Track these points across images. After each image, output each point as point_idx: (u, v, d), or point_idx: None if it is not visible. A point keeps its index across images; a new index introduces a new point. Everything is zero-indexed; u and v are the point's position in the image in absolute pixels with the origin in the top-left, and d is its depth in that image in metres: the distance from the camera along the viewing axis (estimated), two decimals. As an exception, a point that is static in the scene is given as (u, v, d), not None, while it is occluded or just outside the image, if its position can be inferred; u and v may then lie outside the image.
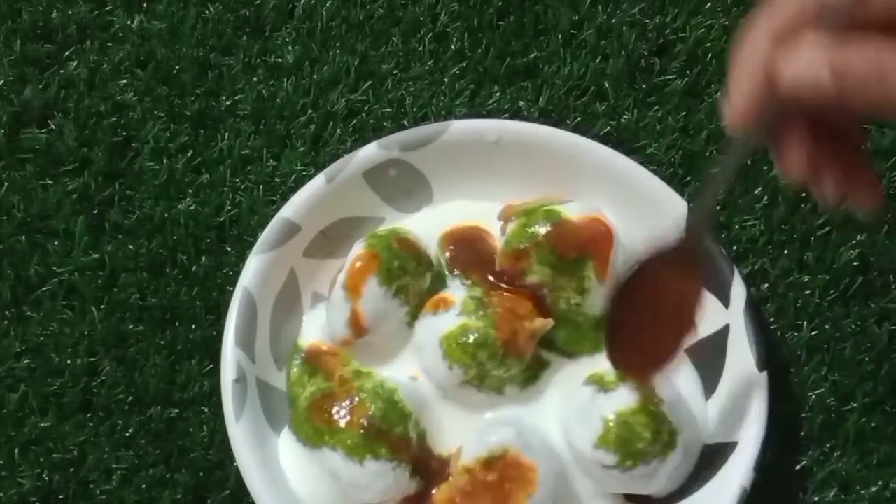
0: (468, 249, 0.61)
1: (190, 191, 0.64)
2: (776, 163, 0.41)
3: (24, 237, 0.63)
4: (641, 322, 0.51)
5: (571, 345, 0.59)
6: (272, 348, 0.59)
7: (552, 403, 0.58)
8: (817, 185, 0.41)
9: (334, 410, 0.56)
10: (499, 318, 0.56)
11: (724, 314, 0.58)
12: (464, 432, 0.57)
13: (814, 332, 0.62)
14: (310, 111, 0.66)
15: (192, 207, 0.64)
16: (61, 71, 0.66)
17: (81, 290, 0.62)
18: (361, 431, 0.55)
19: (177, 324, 0.62)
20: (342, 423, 0.55)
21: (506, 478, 0.54)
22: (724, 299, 0.58)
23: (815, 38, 0.37)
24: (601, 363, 0.59)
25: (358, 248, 0.59)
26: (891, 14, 0.37)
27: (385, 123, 0.65)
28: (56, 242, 0.63)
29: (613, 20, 0.67)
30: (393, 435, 0.55)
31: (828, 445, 0.60)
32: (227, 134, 0.65)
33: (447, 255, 0.61)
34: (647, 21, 0.67)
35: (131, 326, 0.62)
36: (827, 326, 0.62)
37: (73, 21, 0.67)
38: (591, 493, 0.57)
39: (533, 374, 0.59)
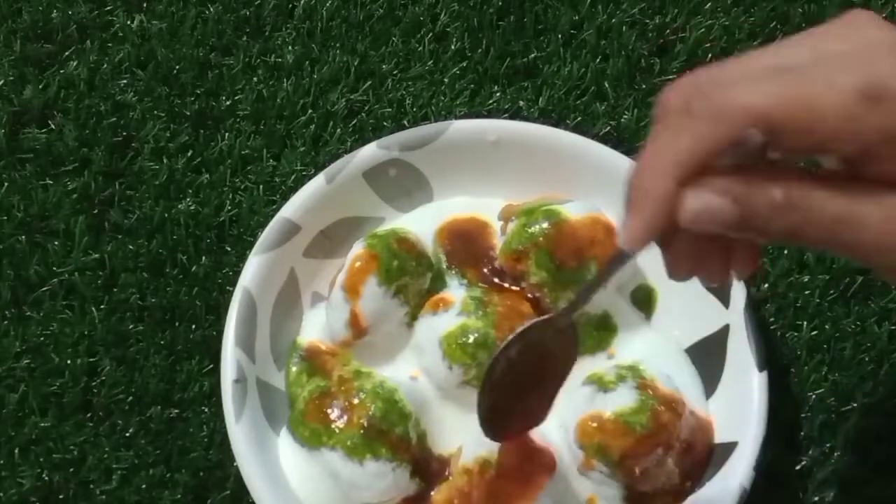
0: (465, 245, 0.61)
1: (190, 191, 0.64)
2: (665, 264, 0.41)
3: (24, 237, 0.63)
4: (516, 389, 0.51)
5: (573, 344, 0.59)
6: (272, 348, 0.59)
7: (552, 403, 0.58)
8: (700, 275, 0.41)
9: (334, 410, 0.56)
10: (499, 317, 0.56)
11: (724, 314, 0.58)
12: (464, 432, 0.57)
13: (814, 332, 0.62)
14: (310, 111, 0.66)
15: (192, 207, 0.64)
16: (61, 71, 0.66)
17: (81, 290, 0.62)
18: (361, 431, 0.55)
19: (177, 324, 0.62)
20: (342, 423, 0.55)
21: (506, 478, 0.54)
22: (724, 299, 0.58)
23: (718, 179, 0.36)
24: (602, 362, 0.59)
25: (357, 249, 0.59)
26: (801, 148, 0.36)
27: (385, 123, 0.65)
28: (56, 242, 0.63)
29: (613, 20, 0.67)
30: (393, 435, 0.55)
31: (828, 445, 0.60)
32: (227, 134, 0.65)
33: (443, 250, 0.61)
34: (647, 21, 0.67)
35: (131, 326, 0.62)
36: (827, 326, 0.62)
37: (73, 21, 0.67)
38: (590, 491, 0.57)
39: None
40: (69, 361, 0.61)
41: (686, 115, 0.37)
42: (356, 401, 0.56)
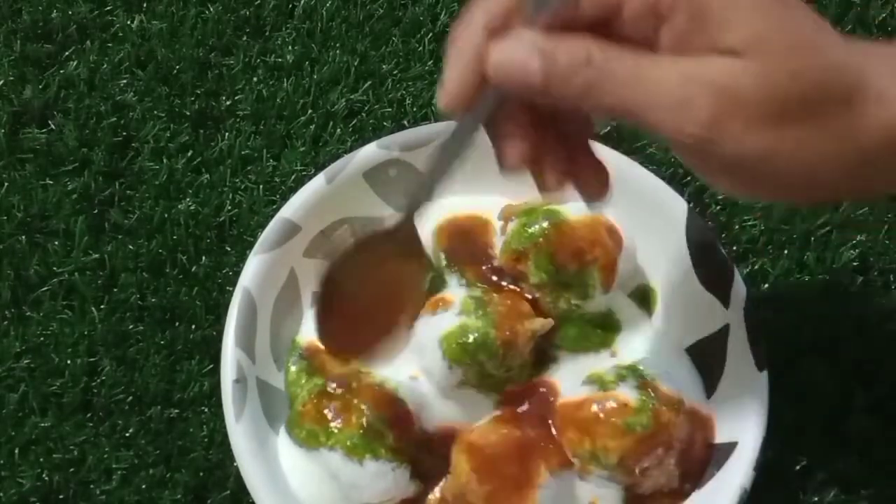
0: (465, 243, 0.61)
1: (190, 191, 0.64)
2: (496, 157, 0.42)
3: (24, 237, 0.63)
4: (357, 302, 0.48)
5: (578, 343, 0.59)
6: (272, 348, 0.59)
7: (552, 403, 0.58)
8: (539, 176, 0.42)
9: (333, 410, 0.56)
10: (498, 317, 0.56)
11: (724, 314, 0.58)
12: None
13: (814, 333, 0.62)
14: (310, 111, 0.66)
15: (192, 207, 0.64)
16: (61, 71, 0.66)
17: (81, 290, 0.62)
18: (361, 431, 0.55)
19: (177, 324, 0.62)
20: (341, 423, 0.55)
21: (506, 478, 0.54)
22: (724, 299, 0.58)
23: (526, 30, 0.38)
24: (604, 362, 0.59)
25: (357, 249, 0.59)
26: (600, 13, 0.38)
27: (385, 123, 0.65)
28: (56, 242, 0.63)
29: (613, 20, 0.67)
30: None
31: (828, 445, 0.60)
32: (227, 134, 0.65)
33: (443, 248, 0.61)
34: (647, 21, 0.67)
35: (131, 326, 0.62)
36: (827, 326, 0.62)
37: (73, 21, 0.67)
38: (591, 494, 0.57)
39: (535, 373, 0.59)
40: (69, 361, 0.61)
41: None
42: (356, 401, 0.56)
